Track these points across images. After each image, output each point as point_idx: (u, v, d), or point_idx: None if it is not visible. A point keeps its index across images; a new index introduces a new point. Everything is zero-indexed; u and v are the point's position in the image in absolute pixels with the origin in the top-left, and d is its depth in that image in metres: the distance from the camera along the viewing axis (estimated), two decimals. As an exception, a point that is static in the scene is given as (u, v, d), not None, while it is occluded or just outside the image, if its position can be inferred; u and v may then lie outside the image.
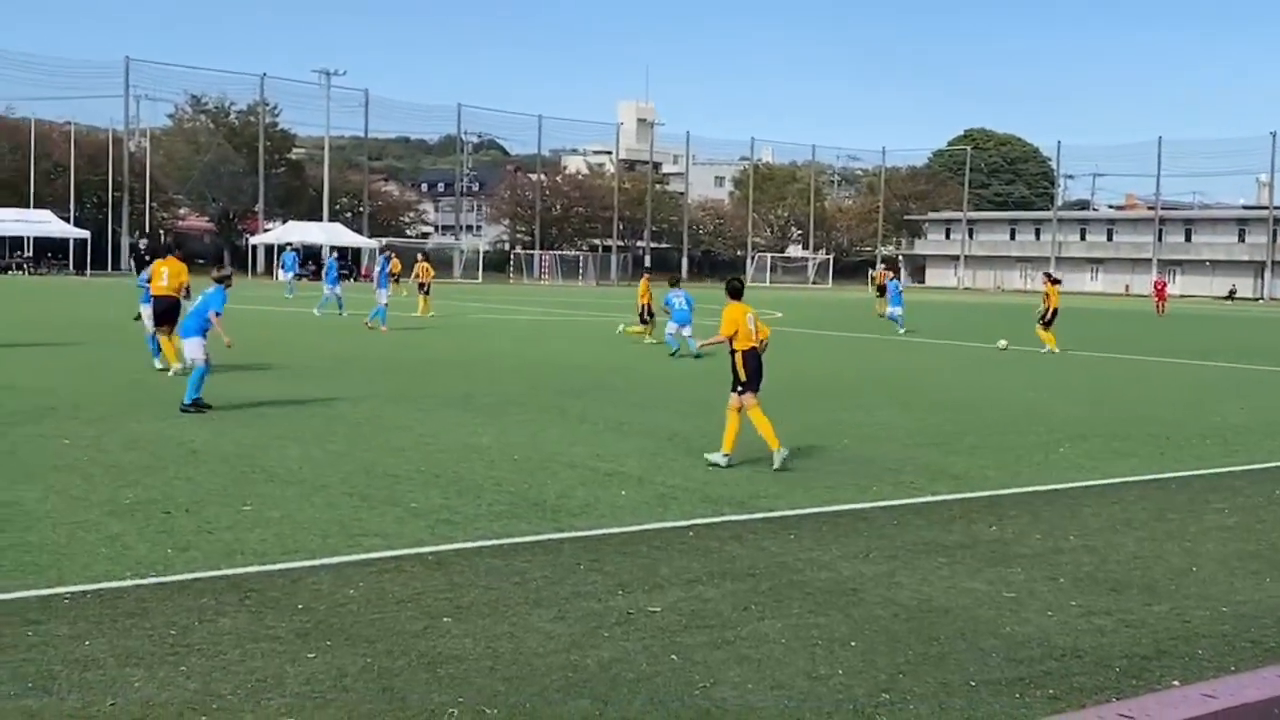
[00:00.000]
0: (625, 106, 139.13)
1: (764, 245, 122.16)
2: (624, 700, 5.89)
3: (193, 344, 15.97)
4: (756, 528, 9.81)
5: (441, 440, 13.65)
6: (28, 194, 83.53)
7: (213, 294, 16.21)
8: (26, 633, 6.62)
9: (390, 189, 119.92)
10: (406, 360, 23.78)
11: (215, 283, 16.59)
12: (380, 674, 6.15)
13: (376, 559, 8.44)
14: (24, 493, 10.19)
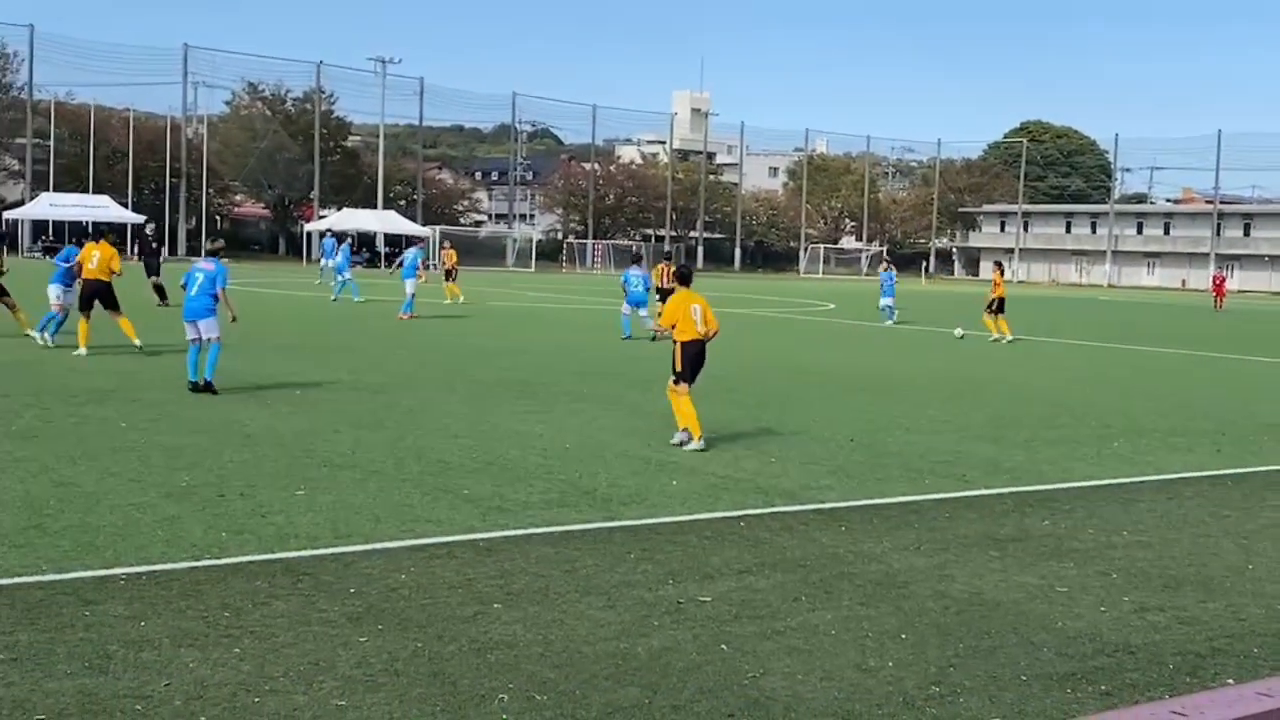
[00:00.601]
0: (680, 96, 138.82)
1: (817, 236, 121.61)
2: (673, 689, 5.89)
3: (209, 324, 15.96)
4: (807, 519, 9.79)
5: (493, 427, 13.71)
6: (88, 179, 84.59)
7: (216, 270, 16.24)
8: (84, 612, 6.71)
9: (444, 177, 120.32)
10: (459, 348, 23.89)
11: (209, 255, 16.70)
12: (431, 658, 6.19)
13: (428, 544, 8.49)
14: (82, 474, 10.34)
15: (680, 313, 12.99)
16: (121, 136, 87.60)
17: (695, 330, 12.93)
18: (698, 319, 12.97)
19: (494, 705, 5.62)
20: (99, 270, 19.92)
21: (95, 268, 19.92)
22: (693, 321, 12.94)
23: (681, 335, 12.95)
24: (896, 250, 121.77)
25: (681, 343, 12.94)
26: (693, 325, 12.94)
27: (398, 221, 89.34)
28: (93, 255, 20.12)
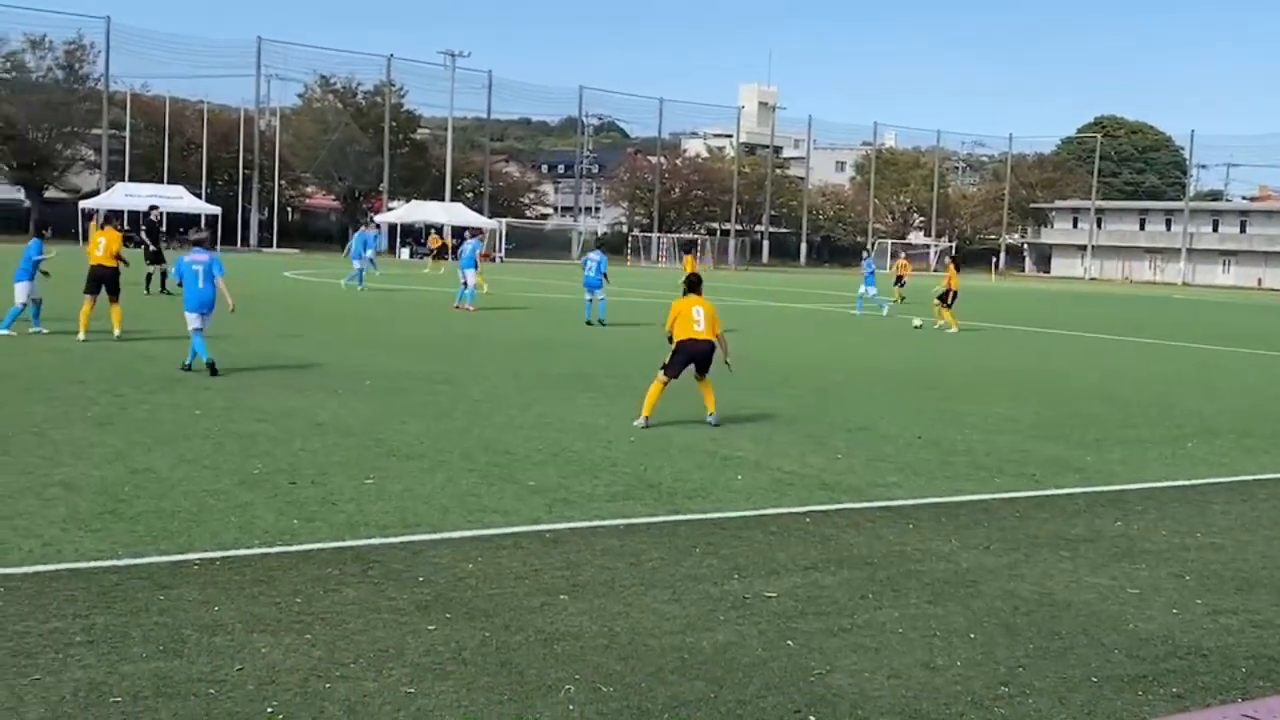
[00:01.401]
0: (747, 89, 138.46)
1: (885, 231, 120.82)
2: (739, 684, 5.89)
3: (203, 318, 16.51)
4: (874, 516, 9.74)
5: (560, 419, 13.76)
6: (162, 170, 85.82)
7: (211, 260, 16.68)
8: (158, 597, 6.82)
9: (511, 170, 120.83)
10: (524, 340, 23.99)
11: (196, 245, 17.12)
12: (498, 648, 6.23)
13: (495, 535, 8.54)
14: (158, 460, 10.51)
15: (682, 314, 13.69)
16: (196, 128, 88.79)
17: (693, 331, 13.58)
18: (699, 320, 13.64)
19: (560, 696, 5.65)
20: (105, 256, 20.37)
21: (103, 254, 20.39)
22: (693, 322, 13.62)
23: (678, 335, 13.63)
24: (966, 246, 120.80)
25: (679, 340, 13.62)
26: (691, 325, 13.61)
27: (465, 214, 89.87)
28: (99, 242, 20.57)
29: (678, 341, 13.64)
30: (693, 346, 13.61)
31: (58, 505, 8.78)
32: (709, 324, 13.68)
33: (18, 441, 11.04)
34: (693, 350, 13.63)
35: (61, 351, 18.18)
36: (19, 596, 6.70)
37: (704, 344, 13.66)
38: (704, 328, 13.64)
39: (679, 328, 13.66)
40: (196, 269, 16.56)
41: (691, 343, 13.60)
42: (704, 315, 13.67)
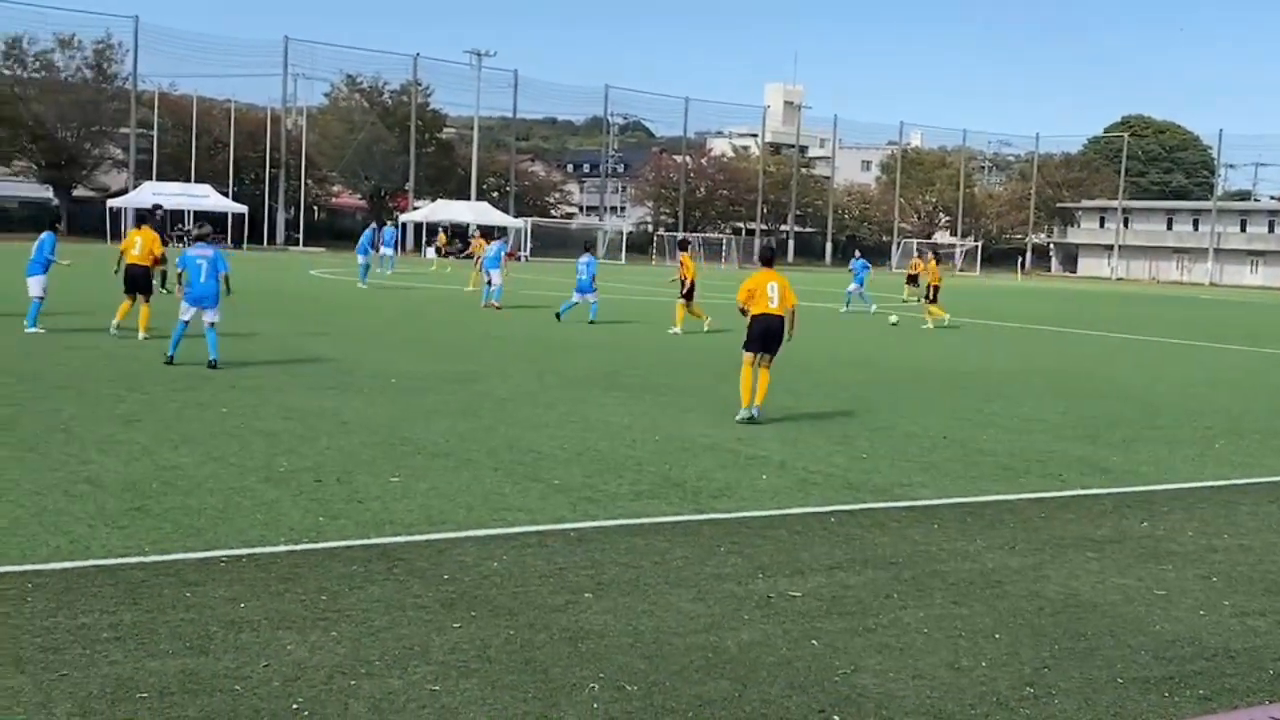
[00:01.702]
0: (772, 89, 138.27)
1: (910, 231, 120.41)
2: (763, 683, 5.89)
3: (215, 310, 16.84)
4: (899, 516, 9.72)
5: (584, 418, 13.77)
6: (190, 168, 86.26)
7: (215, 255, 16.96)
8: (185, 594, 6.86)
9: (537, 169, 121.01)
10: (549, 339, 24.02)
11: (198, 240, 17.49)
12: (522, 646, 6.25)
13: (519, 533, 8.56)
14: (184, 458, 10.56)
15: (757, 289, 14.02)
16: (223, 127, 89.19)
17: (767, 306, 13.92)
18: (773, 296, 13.94)
19: (584, 694, 5.65)
20: (141, 256, 20.49)
21: (139, 253, 20.49)
22: (767, 298, 13.93)
23: (754, 309, 14.01)
24: (992, 245, 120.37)
25: (753, 315, 14.01)
26: (766, 301, 13.92)
27: (491, 213, 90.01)
28: (135, 241, 20.70)
29: (752, 317, 14.06)
30: (766, 321, 13.96)
31: (86, 502, 8.83)
32: (782, 299, 14.02)
33: (46, 439, 11.11)
34: (766, 325, 13.96)
35: (90, 350, 18.29)
36: (47, 592, 6.75)
37: (776, 319, 13.98)
38: (777, 303, 13.97)
39: (755, 303, 14.01)
40: (200, 263, 16.80)
41: (765, 317, 13.96)
42: (777, 290, 14.02)
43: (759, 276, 14.17)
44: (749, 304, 14.09)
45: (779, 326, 14.06)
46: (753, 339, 14.03)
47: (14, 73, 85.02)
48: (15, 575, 7.03)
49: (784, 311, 14.04)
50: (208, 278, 16.75)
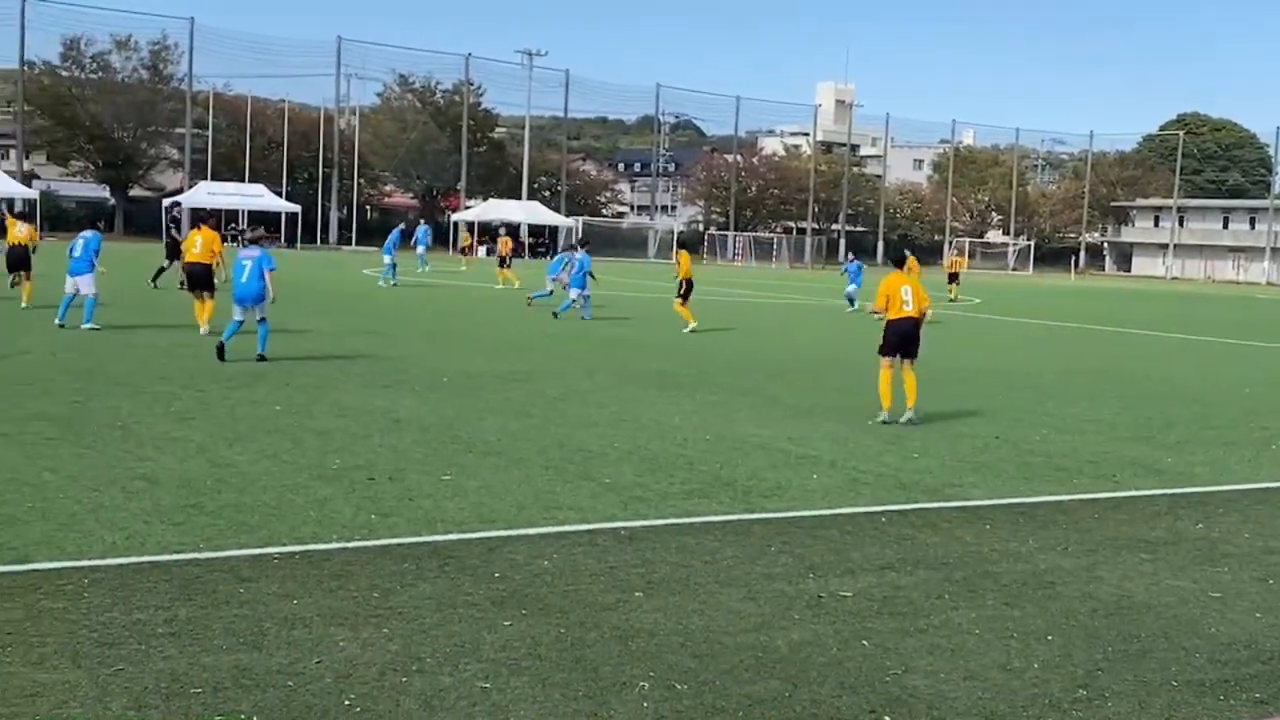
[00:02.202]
0: (824, 88, 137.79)
1: (963, 230, 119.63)
2: (814, 683, 5.87)
3: (262, 306, 17.30)
4: (950, 516, 9.66)
5: (635, 418, 13.78)
6: (244, 168, 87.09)
7: (262, 255, 17.40)
8: (239, 590, 6.92)
9: (588, 168, 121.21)
10: (600, 338, 24.05)
11: (250, 243, 18.08)
12: (573, 644, 6.26)
13: (570, 532, 8.58)
14: (238, 455, 10.67)
15: (893, 293, 14.20)
16: (277, 127, 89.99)
17: (903, 309, 14.11)
18: (908, 299, 14.14)
19: (634, 693, 5.66)
20: (202, 254, 21.09)
21: (199, 252, 21.14)
22: (902, 301, 14.13)
23: (890, 314, 14.20)
24: (1045, 245, 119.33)
25: (890, 320, 14.20)
26: (901, 304, 14.13)
27: (542, 212, 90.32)
28: (196, 240, 21.34)
29: (888, 321, 14.24)
30: (901, 325, 14.15)
31: (141, 498, 8.94)
32: (916, 301, 14.23)
33: (103, 435, 11.26)
34: (901, 328, 14.15)
35: (146, 347, 18.50)
36: (103, 588, 6.84)
37: (912, 321, 14.18)
38: (912, 306, 14.18)
39: (891, 307, 14.22)
40: (245, 263, 17.30)
41: (901, 321, 14.15)
42: (911, 293, 14.20)
43: (893, 280, 14.34)
44: (887, 309, 14.26)
45: (914, 329, 14.25)
46: (889, 343, 14.19)
47: (71, 73, 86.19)
48: (72, 570, 7.13)
49: (919, 313, 14.26)
50: (249, 278, 17.19)
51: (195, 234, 21.70)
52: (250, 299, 17.22)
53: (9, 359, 16.35)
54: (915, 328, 14.25)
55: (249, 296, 17.22)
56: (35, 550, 7.50)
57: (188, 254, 21.44)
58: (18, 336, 19.18)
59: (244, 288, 17.21)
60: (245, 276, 17.20)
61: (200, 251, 21.10)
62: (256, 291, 17.20)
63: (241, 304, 17.29)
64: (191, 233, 22.34)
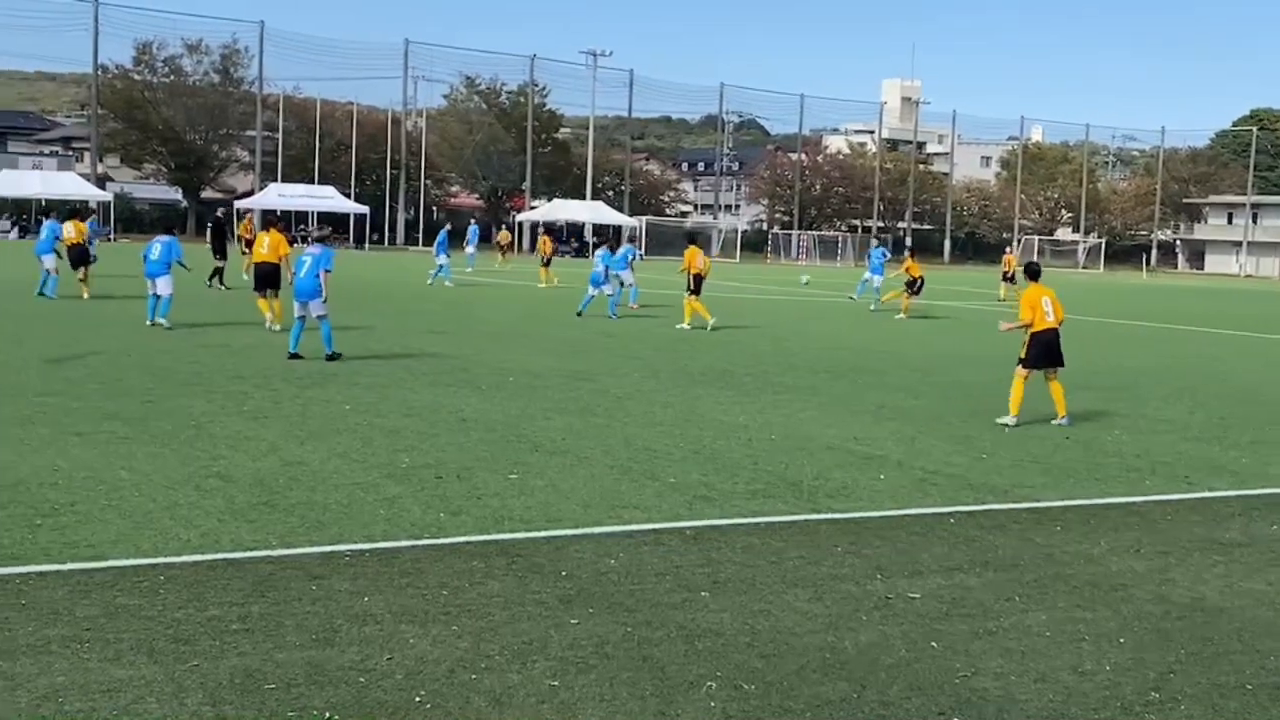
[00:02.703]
0: (890, 85, 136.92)
1: (1031, 228, 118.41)
2: (882, 684, 5.85)
3: (317, 304, 17.58)
4: (1020, 517, 9.58)
5: (700, 417, 13.78)
6: (313, 170, 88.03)
7: (322, 254, 17.68)
8: (310, 586, 7.01)
9: (651, 168, 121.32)
10: (664, 337, 24.07)
11: (316, 242, 18.37)
12: (640, 643, 6.28)
13: (636, 531, 8.60)
14: (310, 453, 10.80)
15: (1035, 306, 14.34)
16: (345, 129, 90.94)
17: (1046, 321, 14.28)
18: (1049, 310, 14.31)
19: (701, 692, 5.67)
20: (270, 254, 21.97)
21: (266, 251, 22.06)
22: (1044, 313, 14.30)
23: (1035, 326, 14.29)
24: (1115, 242, 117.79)
25: (1033, 333, 14.29)
26: (1043, 316, 14.28)
27: (606, 212, 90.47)
28: (264, 241, 22.34)
29: (1032, 334, 14.33)
30: (1045, 336, 14.27)
31: (215, 496, 9.07)
32: (1056, 312, 14.38)
33: (178, 435, 11.43)
34: (1046, 340, 14.28)
35: (219, 347, 18.76)
36: (179, 585, 6.95)
37: (1054, 332, 14.33)
38: (1053, 317, 14.34)
39: (1035, 319, 14.32)
40: (305, 259, 17.71)
41: (1045, 333, 14.28)
42: (1051, 304, 14.36)
43: (1033, 292, 14.48)
44: (1030, 320, 14.32)
45: (1057, 339, 14.40)
46: (1033, 356, 14.29)
47: (144, 77, 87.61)
48: (148, 568, 7.25)
49: (1057, 324, 14.39)
50: (307, 274, 17.56)
51: (264, 235, 22.71)
52: (305, 294, 17.58)
53: (84, 359, 16.65)
54: (1058, 338, 14.39)
55: (303, 291, 17.59)
56: (111, 548, 7.64)
57: (256, 254, 22.50)
58: (93, 337, 19.52)
59: (301, 282, 17.63)
60: (304, 272, 17.61)
61: (267, 251, 22.02)
62: (311, 288, 17.54)
63: (298, 298, 17.69)
64: (260, 234, 23.42)
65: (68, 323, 21.81)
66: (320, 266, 17.59)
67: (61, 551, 7.51)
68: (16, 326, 20.87)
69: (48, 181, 77.66)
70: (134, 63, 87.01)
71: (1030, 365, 14.29)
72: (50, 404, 12.83)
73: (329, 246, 18.34)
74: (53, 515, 8.33)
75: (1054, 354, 14.38)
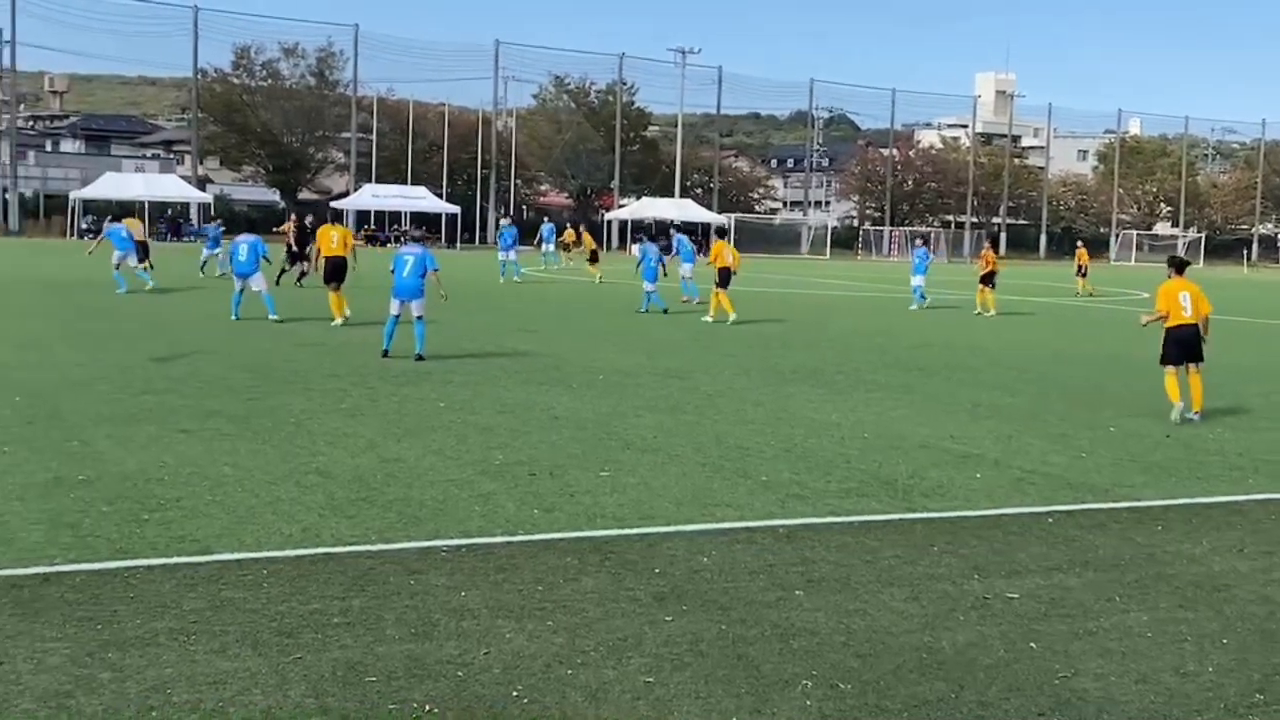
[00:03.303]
0: (983, 78, 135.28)
1: (1129, 222, 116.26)
2: (980, 685, 5.80)
3: (420, 303, 17.74)
4: (1121, 517, 9.43)
5: (791, 415, 13.74)
6: (406, 171, 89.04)
7: (425, 254, 17.97)
8: (409, 581, 7.11)
9: (740, 165, 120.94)
10: (753, 335, 24.01)
11: (414, 241, 18.88)
12: (734, 641, 6.29)
13: (728, 529, 8.60)
14: (406, 450, 10.94)
15: (1172, 299, 14.28)
16: (437, 130, 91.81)
17: (1182, 316, 14.17)
18: (1186, 305, 14.18)
19: (797, 691, 5.66)
20: (339, 248, 23.03)
21: (336, 246, 23.07)
22: (1181, 308, 14.19)
23: (1170, 321, 14.27)
24: (1215, 236, 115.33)
25: (1168, 328, 14.26)
26: (1180, 311, 14.18)
27: (694, 210, 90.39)
28: (331, 236, 23.30)
29: (1168, 329, 14.30)
30: (1180, 332, 14.19)
31: (316, 492, 9.23)
32: (1195, 307, 14.24)
33: (279, 431, 11.64)
34: (1181, 335, 14.18)
35: (316, 346, 19.06)
36: (281, 578, 7.08)
37: (1190, 328, 14.20)
38: (1190, 312, 14.20)
39: (1170, 314, 14.29)
40: (407, 259, 17.82)
41: (1180, 328, 14.20)
42: (1190, 299, 14.26)
43: (1172, 285, 14.40)
44: (1166, 315, 14.31)
45: (1193, 335, 14.22)
46: (1170, 353, 14.25)
47: (243, 81, 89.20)
48: (251, 562, 7.41)
49: (1198, 319, 14.22)
50: (410, 273, 17.66)
51: (330, 230, 23.62)
52: (408, 293, 17.66)
53: (189, 358, 17.01)
54: (1195, 334, 14.20)
55: (407, 291, 17.66)
56: (216, 542, 7.81)
57: (325, 249, 23.22)
58: (197, 337, 19.94)
59: (404, 283, 17.66)
60: (407, 272, 17.66)
61: (337, 245, 22.96)
62: (416, 287, 17.67)
63: (399, 298, 17.71)
64: (324, 228, 24.12)
65: (174, 324, 22.30)
66: (426, 266, 17.72)
67: (168, 545, 7.70)
68: (126, 327, 21.37)
69: (150, 184, 79.35)
70: (233, 67, 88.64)
71: (1167, 362, 14.23)
72: (157, 402, 13.14)
73: (428, 246, 18.62)
74: (159, 510, 8.53)
75: (1190, 350, 14.21)
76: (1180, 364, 14.20)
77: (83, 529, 7.99)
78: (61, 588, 6.79)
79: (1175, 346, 14.17)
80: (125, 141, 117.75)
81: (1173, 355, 14.20)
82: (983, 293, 32.20)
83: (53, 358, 16.66)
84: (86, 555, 7.42)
